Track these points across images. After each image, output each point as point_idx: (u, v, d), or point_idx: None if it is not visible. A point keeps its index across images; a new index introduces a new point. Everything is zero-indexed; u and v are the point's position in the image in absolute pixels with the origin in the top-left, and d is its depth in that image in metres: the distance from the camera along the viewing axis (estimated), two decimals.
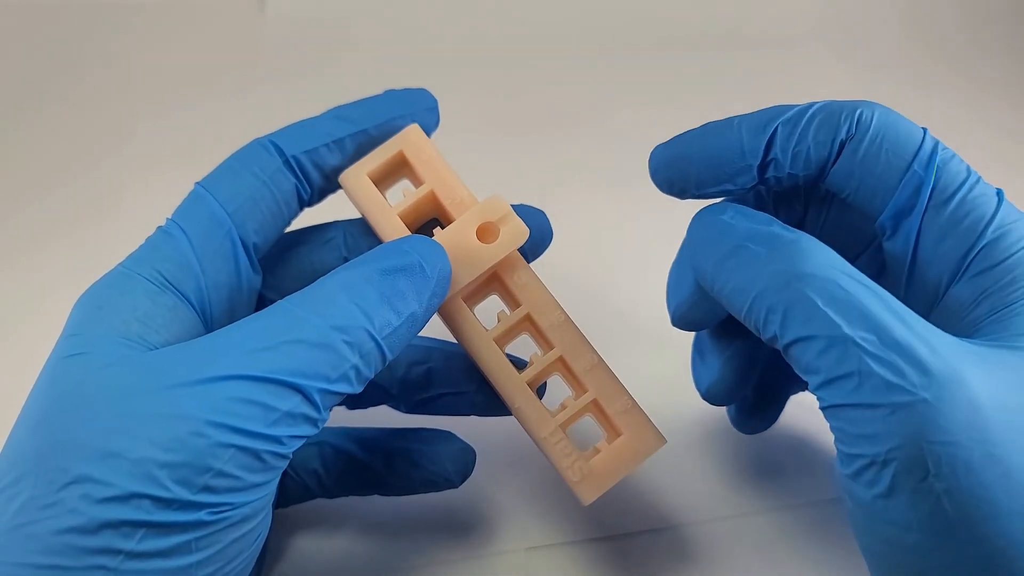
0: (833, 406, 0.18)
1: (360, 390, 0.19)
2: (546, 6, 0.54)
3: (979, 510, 0.16)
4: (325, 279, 0.20)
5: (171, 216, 0.22)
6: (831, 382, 0.18)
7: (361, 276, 0.19)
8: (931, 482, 0.16)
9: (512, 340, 0.23)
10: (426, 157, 0.24)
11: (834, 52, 0.53)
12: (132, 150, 0.44)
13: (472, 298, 0.23)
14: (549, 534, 0.27)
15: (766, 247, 0.19)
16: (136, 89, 0.48)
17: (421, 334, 0.22)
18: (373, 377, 0.20)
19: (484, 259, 0.22)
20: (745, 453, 0.29)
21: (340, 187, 0.24)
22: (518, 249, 0.23)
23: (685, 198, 0.23)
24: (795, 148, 0.21)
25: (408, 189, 0.24)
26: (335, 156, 0.23)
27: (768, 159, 0.21)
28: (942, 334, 0.18)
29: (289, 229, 0.24)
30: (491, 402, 0.24)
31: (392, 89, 0.25)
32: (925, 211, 0.20)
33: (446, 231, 0.22)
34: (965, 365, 0.17)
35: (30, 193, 0.41)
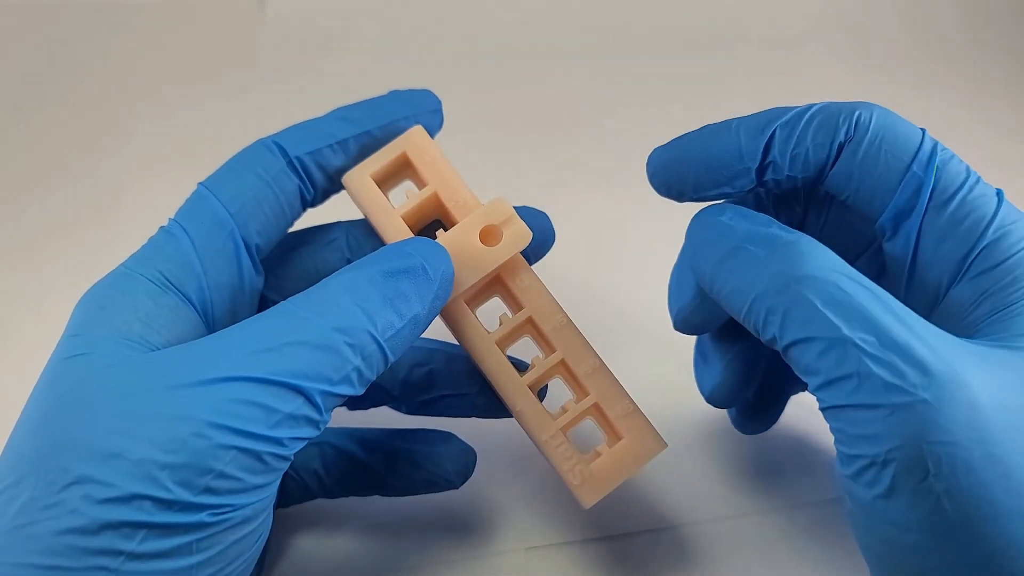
0: (833, 407, 0.18)
1: (362, 392, 0.19)
2: (546, 6, 0.54)
3: (979, 510, 0.16)
4: (328, 280, 0.20)
5: (173, 216, 0.22)
6: (831, 383, 0.18)
7: (364, 278, 0.19)
8: (931, 482, 0.16)
9: (514, 343, 0.23)
10: (429, 159, 0.23)
11: (834, 52, 0.53)
12: (132, 150, 0.44)
13: (474, 300, 0.23)
14: (549, 534, 0.27)
15: (765, 248, 0.19)
16: (136, 89, 0.48)
17: (423, 336, 0.21)
18: (375, 379, 0.19)
19: (487, 262, 0.22)
20: (745, 454, 0.29)
21: (343, 188, 0.24)
22: (521, 251, 0.23)
23: (683, 201, 0.23)
24: (793, 150, 0.21)
25: (411, 191, 0.24)
26: (338, 157, 0.23)
27: (766, 162, 0.21)
28: (942, 334, 0.18)
29: (291, 229, 0.24)
30: (492, 404, 0.24)
31: (396, 90, 0.25)
32: (925, 212, 0.20)
33: (449, 233, 0.22)
34: (965, 365, 0.17)
35: (30, 193, 0.41)
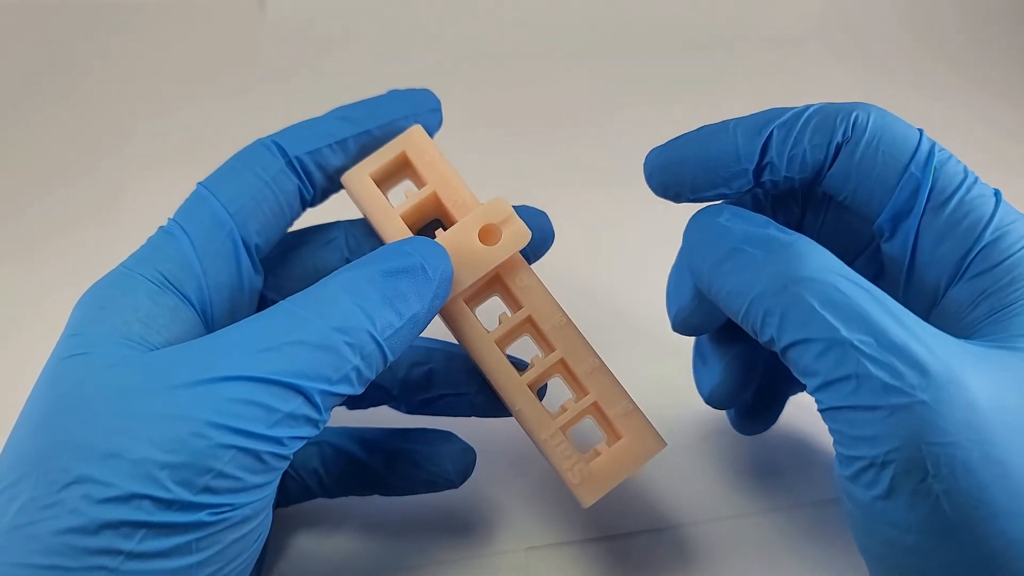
0: (831, 408, 0.18)
1: (361, 391, 0.19)
2: (546, 6, 0.54)
3: (978, 511, 0.16)
4: (327, 280, 0.20)
5: (173, 216, 0.22)
6: (829, 384, 0.18)
7: (363, 277, 0.19)
8: (930, 483, 0.16)
9: (513, 342, 0.23)
10: (429, 158, 0.23)
11: (834, 52, 0.53)
12: (132, 150, 0.44)
13: (474, 300, 0.23)
14: (549, 534, 0.27)
15: (763, 250, 0.19)
16: (136, 89, 0.48)
17: (422, 335, 0.22)
18: (374, 378, 0.19)
19: (486, 261, 0.22)
20: (745, 454, 0.29)
21: (342, 187, 0.24)
22: (520, 251, 0.23)
23: (680, 202, 0.23)
24: (791, 152, 0.21)
25: (410, 190, 0.24)
26: (338, 157, 0.23)
27: (764, 163, 0.21)
28: (940, 335, 0.18)
29: (291, 229, 0.24)
30: (492, 403, 0.24)
31: (395, 89, 0.25)
32: (923, 213, 0.20)
33: (448, 233, 0.22)
34: (963, 366, 0.17)
35: (30, 193, 0.41)
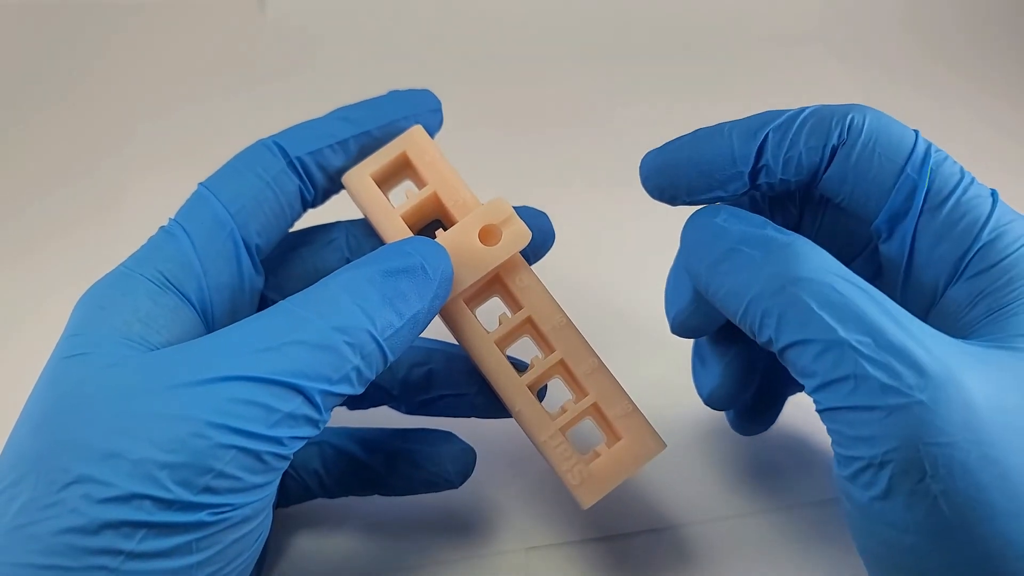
0: (830, 409, 0.18)
1: (361, 391, 0.19)
2: (546, 6, 0.54)
3: (975, 511, 0.16)
4: (327, 280, 0.20)
5: (174, 216, 0.22)
6: (827, 385, 0.18)
7: (363, 277, 0.19)
8: (928, 484, 0.16)
9: (513, 342, 0.23)
10: (429, 159, 0.24)
11: (834, 52, 0.53)
12: (132, 150, 0.44)
13: (474, 300, 0.23)
14: (549, 534, 0.27)
15: (760, 250, 0.19)
16: (136, 89, 0.48)
17: (422, 335, 0.22)
18: (374, 378, 0.20)
19: (486, 261, 0.22)
20: (744, 454, 0.29)
21: (343, 188, 0.24)
22: (520, 251, 0.23)
23: (676, 204, 0.23)
24: (786, 154, 0.21)
25: (411, 190, 0.24)
26: (339, 157, 0.23)
27: (759, 165, 0.21)
28: (938, 335, 0.18)
29: (291, 229, 0.24)
30: (492, 404, 0.24)
31: (396, 90, 0.25)
32: (920, 214, 0.20)
33: (448, 233, 0.22)
34: (961, 366, 0.17)
35: (30, 193, 0.41)
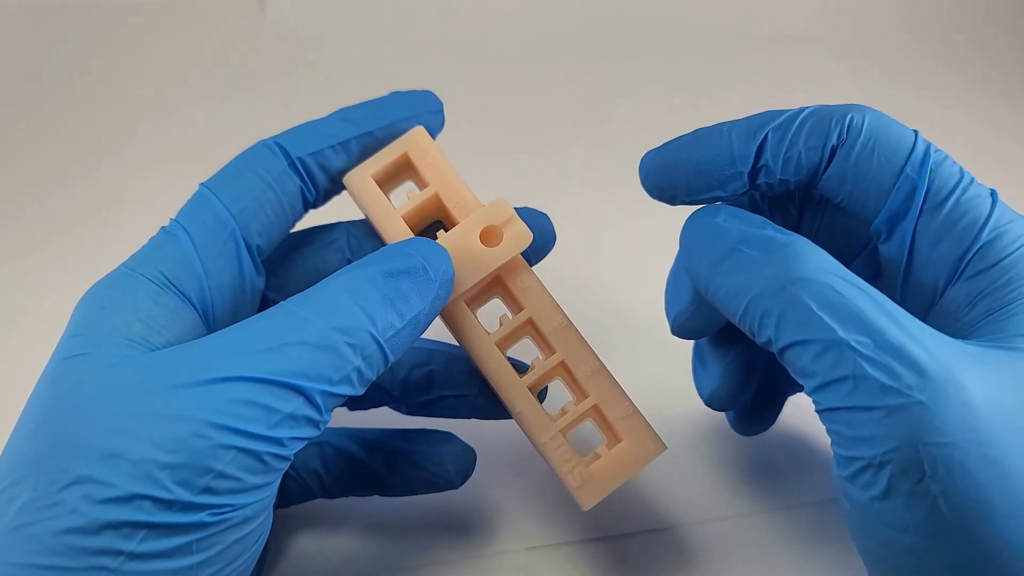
0: (829, 409, 0.18)
1: (362, 392, 0.19)
2: (546, 6, 0.54)
3: (975, 512, 0.16)
4: (328, 280, 0.20)
5: (175, 216, 0.22)
6: (827, 385, 0.18)
7: (364, 278, 0.19)
8: (927, 484, 0.16)
9: (514, 344, 0.23)
10: (430, 159, 0.23)
11: (834, 52, 0.53)
12: (132, 150, 0.44)
13: (475, 301, 0.23)
14: (549, 534, 0.27)
15: (760, 250, 0.19)
16: (136, 89, 0.48)
17: (423, 336, 0.22)
18: (375, 379, 0.20)
19: (487, 262, 0.22)
20: (744, 454, 0.29)
21: (344, 189, 0.24)
22: (521, 252, 0.23)
23: (676, 204, 0.23)
24: (786, 154, 0.20)
25: (412, 191, 0.24)
26: (340, 158, 0.23)
27: (759, 165, 0.21)
28: (938, 335, 0.18)
29: (293, 230, 0.24)
30: (492, 405, 0.24)
31: (397, 91, 0.25)
32: (919, 214, 0.20)
33: (450, 234, 0.22)
34: (961, 366, 0.17)
35: (30, 193, 0.41)
